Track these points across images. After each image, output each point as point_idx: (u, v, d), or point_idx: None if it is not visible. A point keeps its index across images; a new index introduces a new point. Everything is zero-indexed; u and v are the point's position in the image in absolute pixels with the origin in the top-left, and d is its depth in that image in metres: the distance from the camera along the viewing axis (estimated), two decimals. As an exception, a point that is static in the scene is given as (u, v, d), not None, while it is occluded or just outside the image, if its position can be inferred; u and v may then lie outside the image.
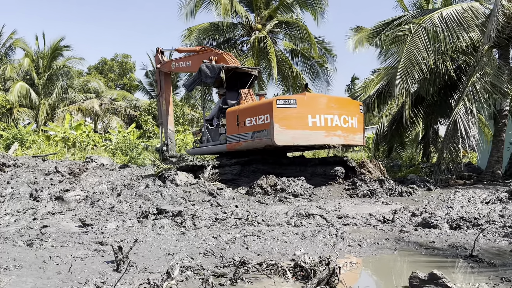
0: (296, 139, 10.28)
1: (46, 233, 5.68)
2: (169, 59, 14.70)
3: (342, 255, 4.80)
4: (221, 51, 13.47)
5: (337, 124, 10.55)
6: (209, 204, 8.19)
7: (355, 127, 11.00)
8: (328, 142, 10.52)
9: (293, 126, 10.21)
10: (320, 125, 10.34)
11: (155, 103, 31.02)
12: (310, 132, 10.26)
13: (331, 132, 10.47)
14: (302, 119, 10.23)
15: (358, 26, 19.49)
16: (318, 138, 10.38)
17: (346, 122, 10.71)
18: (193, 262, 4.36)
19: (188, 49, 14.56)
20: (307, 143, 10.54)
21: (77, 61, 35.07)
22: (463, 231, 5.96)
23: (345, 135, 10.72)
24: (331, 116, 10.46)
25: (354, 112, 11.11)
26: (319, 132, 10.34)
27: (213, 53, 12.85)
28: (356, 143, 11.35)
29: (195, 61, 13.16)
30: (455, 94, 15.88)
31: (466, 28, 12.43)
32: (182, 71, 17.51)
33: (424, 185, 10.93)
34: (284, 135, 10.17)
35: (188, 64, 13.59)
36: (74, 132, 23.92)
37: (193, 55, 13.74)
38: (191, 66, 13.36)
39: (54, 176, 10.48)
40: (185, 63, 13.75)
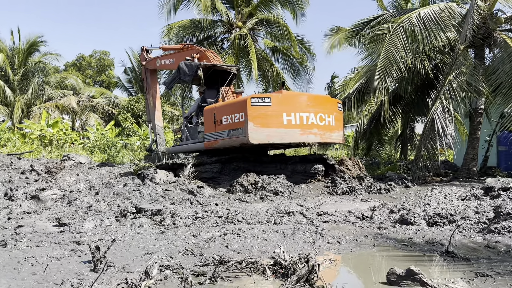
0: (271, 137, 10.28)
1: (21, 233, 5.54)
2: (154, 57, 14.63)
3: (321, 252, 4.84)
4: (203, 48, 13.42)
5: (313, 122, 10.57)
6: (189, 203, 8.14)
7: (333, 125, 11.02)
8: (304, 140, 10.54)
9: (267, 124, 10.23)
10: (296, 123, 10.35)
11: (134, 100, 30.68)
12: (285, 130, 10.28)
13: (307, 130, 10.49)
14: (277, 117, 10.25)
15: (336, 26, 19.61)
16: (293, 136, 10.39)
17: (322, 120, 10.74)
18: (172, 261, 4.32)
19: (172, 47, 14.46)
20: (282, 141, 10.51)
21: (53, 57, 34.33)
22: (439, 228, 6.07)
23: (322, 133, 10.75)
24: (306, 114, 10.49)
25: (331, 110, 11.12)
26: (295, 130, 10.36)
27: (195, 51, 12.80)
28: (334, 141, 11.37)
29: (178, 59, 13.11)
30: (432, 92, 16.18)
31: (443, 27, 12.65)
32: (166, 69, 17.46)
33: (402, 182, 11.11)
34: (258, 133, 10.19)
35: (172, 61, 13.57)
36: (51, 129, 23.43)
37: (176, 52, 13.69)
38: (174, 63, 13.31)
39: (30, 174, 10.25)
40: (169, 60, 13.75)
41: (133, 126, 27.97)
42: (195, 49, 12.99)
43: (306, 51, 24.82)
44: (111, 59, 53.11)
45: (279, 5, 23.47)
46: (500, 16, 13.21)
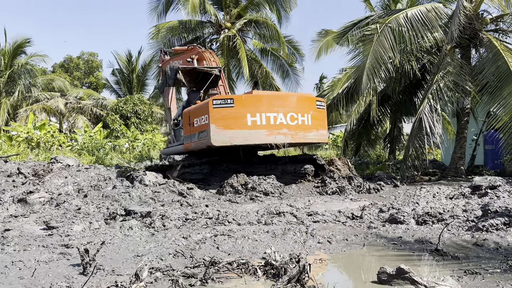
0: (234, 139, 10.21)
1: (8, 237, 5.46)
2: (168, 59, 14.66)
3: (312, 252, 4.85)
4: (203, 49, 13.37)
5: (282, 122, 10.34)
6: (179, 204, 8.10)
7: (308, 124, 10.70)
8: (271, 141, 10.33)
9: (230, 126, 10.18)
10: (261, 124, 10.22)
11: (123, 102, 30.45)
12: (249, 132, 10.19)
13: (274, 131, 10.29)
14: (241, 118, 10.18)
15: (323, 29, 19.70)
16: (259, 137, 10.26)
17: (294, 119, 10.47)
18: (163, 263, 4.29)
19: (182, 49, 14.50)
20: (246, 143, 10.39)
21: (40, 58, 33.86)
22: (428, 226, 6.12)
23: (293, 133, 10.48)
24: (274, 114, 10.29)
25: (307, 108, 10.81)
26: (260, 131, 10.23)
27: (194, 52, 12.86)
28: (310, 141, 11.06)
29: (183, 60, 13.20)
30: (420, 92, 16.33)
31: (430, 28, 12.77)
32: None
33: (391, 181, 11.17)
34: (221, 135, 10.20)
35: (180, 62, 13.55)
36: (38, 132, 23.13)
37: (182, 54, 13.89)
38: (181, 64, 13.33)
39: (16, 177, 10.11)
40: (178, 62, 13.74)
41: (121, 128, 27.76)
42: (195, 50, 13.00)
43: (295, 52, 24.91)
44: (99, 60, 52.65)
45: (268, 6, 23.52)
46: (486, 17, 13.38)
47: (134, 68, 37.03)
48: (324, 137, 11.35)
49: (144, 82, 37.31)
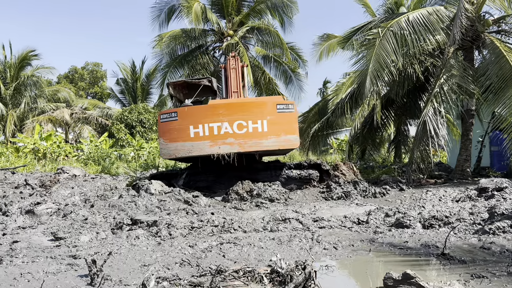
0: (178, 152, 10.31)
1: (16, 248, 5.51)
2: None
3: (318, 259, 4.85)
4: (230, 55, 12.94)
5: (227, 132, 10.12)
6: (184, 213, 8.13)
7: (263, 131, 10.19)
8: (215, 152, 10.13)
9: (175, 139, 10.29)
10: (204, 135, 10.15)
11: (127, 111, 30.63)
12: (191, 144, 10.18)
13: (219, 141, 10.12)
14: (184, 131, 10.22)
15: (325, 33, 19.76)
16: (202, 148, 10.18)
17: (242, 127, 10.15)
18: (169, 272, 4.31)
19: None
20: (189, 155, 10.38)
21: (47, 70, 34.23)
22: (435, 230, 6.11)
23: (242, 142, 10.15)
24: (218, 124, 10.13)
25: (261, 114, 10.26)
26: (204, 142, 10.16)
27: (226, 61, 12.75)
28: (266, 148, 10.37)
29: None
30: (423, 95, 16.29)
31: (432, 31, 12.79)
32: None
33: (397, 185, 11.15)
34: (167, 149, 10.43)
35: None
36: (44, 143, 23.30)
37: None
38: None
39: (24, 189, 10.19)
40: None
41: (127, 137, 27.90)
42: (227, 58, 12.80)
43: (298, 58, 24.97)
44: (104, 70, 53.06)
45: (269, 12, 23.63)
46: (487, 19, 13.39)
47: (138, 77, 37.29)
48: (290, 143, 10.52)
49: (148, 91, 37.53)
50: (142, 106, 31.04)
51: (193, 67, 23.55)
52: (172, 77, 23.31)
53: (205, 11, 22.21)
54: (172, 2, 23.11)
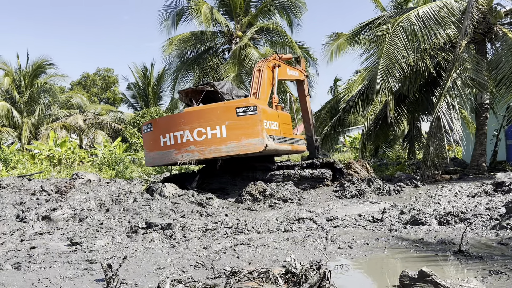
0: (155, 160, 10.79)
1: (34, 254, 5.58)
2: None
3: (332, 258, 4.82)
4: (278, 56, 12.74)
5: (188, 140, 10.15)
6: (198, 215, 8.16)
7: (222, 136, 10.05)
8: (180, 159, 10.25)
9: (151, 149, 10.85)
10: (170, 143, 10.38)
11: (140, 115, 30.88)
12: (162, 152, 10.54)
13: (182, 149, 10.24)
14: (156, 140, 10.61)
15: (334, 33, 19.64)
16: (170, 157, 10.43)
17: (201, 134, 10.11)
18: (184, 275, 4.33)
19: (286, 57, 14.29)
20: (162, 163, 10.78)
21: (60, 78, 34.73)
22: (451, 226, 6.03)
23: (201, 149, 10.11)
24: (180, 133, 10.25)
25: (220, 120, 10.09)
26: (170, 150, 10.41)
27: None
28: (226, 154, 10.09)
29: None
30: (436, 90, 16.12)
31: (443, 25, 12.65)
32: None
33: (411, 182, 11.05)
34: (147, 157, 11.04)
35: None
36: (59, 149, 23.62)
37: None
38: None
39: (40, 195, 10.34)
40: None
41: (139, 141, 28.11)
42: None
43: (308, 56, 24.88)
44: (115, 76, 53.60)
45: (277, 12, 23.61)
46: (500, 10, 13.20)
47: (150, 81, 37.56)
48: (251, 147, 10.02)
49: (160, 95, 37.77)
50: (154, 110, 31.24)
51: (203, 69, 23.67)
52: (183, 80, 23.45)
53: (214, 13, 22.29)
54: (180, 5, 23.25)
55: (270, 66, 12.13)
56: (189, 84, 23.88)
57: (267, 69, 12.04)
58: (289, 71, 13.26)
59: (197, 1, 22.50)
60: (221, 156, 10.20)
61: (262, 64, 12.06)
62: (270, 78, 12.06)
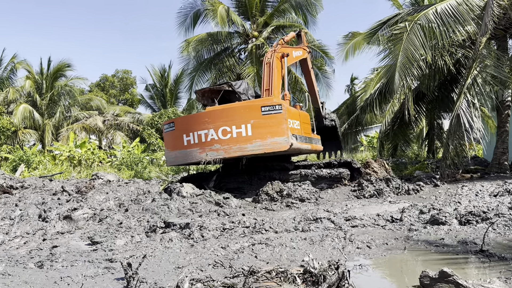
0: (177, 159, 10.75)
1: (56, 253, 5.69)
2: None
3: (351, 258, 4.79)
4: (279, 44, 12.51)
5: (213, 138, 10.18)
6: (216, 214, 8.19)
7: (247, 135, 10.06)
8: (204, 158, 10.25)
9: (174, 147, 10.80)
10: (194, 142, 10.37)
11: (158, 116, 31.22)
12: (185, 151, 10.52)
13: (206, 148, 10.23)
14: (179, 139, 10.58)
15: (350, 32, 19.46)
16: (193, 155, 10.42)
17: (226, 133, 10.14)
18: (203, 274, 4.36)
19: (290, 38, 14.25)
20: (185, 162, 10.78)
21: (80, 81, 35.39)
22: (472, 226, 5.93)
23: (227, 148, 10.12)
24: (205, 132, 10.24)
25: (245, 119, 10.13)
26: (194, 149, 10.39)
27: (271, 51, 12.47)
28: (251, 153, 10.11)
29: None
30: (456, 88, 15.86)
31: (462, 21, 12.41)
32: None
33: (431, 181, 10.89)
34: (169, 157, 11.01)
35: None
36: (79, 150, 24.04)
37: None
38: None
39: (61, 195, 10.53)
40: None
41: (157, 142, 28.40)
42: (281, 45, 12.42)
43: (324, 55, 24.75)
44: (133, 77, 54.23)
45: (293, 12, 23.54)
46: (521, 5, 12.88)
47: (167, 82, 37.90)
48: (277, 146, 10.07)
49: (177, 96, 38.09)
50: (171, 111, 31.54)
51: (220, 70, 23.77)
52: (199, 80, 23.59)
53: (230, 13, 22.36)
54: (197, 7, 23.39)
55: (279, 57, 11.99)
56: (206, 84, 24.00)
57: (277, 61, 11.86)
58: (294, 53, 13.07)
59: (213, 2, 22.61)
60: (247, 155, 10.24)
61: (272, 56, 11.89)
62: (280, 69, 11.95)
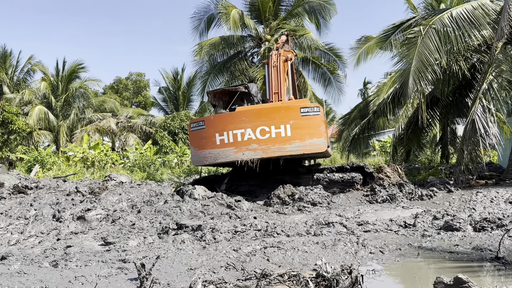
0: (206, 159, 10.51)
1: (70, 253, 5.76)
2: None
3: (364, 263, 4.76)
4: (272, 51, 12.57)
5: (250, 138, 10.10)
6: (227, 217, 8.21)
7: (286, 135, 10.06)
8: (240, 158, 10.12)
9: (203, 147, 10.54)
10: (229, 141, 10.21)
11: (170, 118, 31.41)
12: (218, 151, 10.33)
13: (243, 147, 10.11)
14: (211, 138, 10.39)
15: (363, 36, 19.35)
16: (228, 155, 10.26)
17: (265, 133, 10.11)
18: (215, 276, 4.37)
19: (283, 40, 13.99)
20: (216, 162, 10.52)
21: (93, 83, 35.80)
22: (487, 233, 5.85)
23: (265, 148, 10.08)
24: (241, 131, 10.13)
25: (285, 119, 10.12)
26: (228, 149, 10.23)
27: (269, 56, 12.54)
28: (290, 153, 10.15)
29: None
30: (471, 93, 15.67)
31: (478, 26, 12.28)
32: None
33: (445, 187, 10.76)
34: (196, 156, 10.71)
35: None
36: (93, 151, 24.29)
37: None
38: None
39: (75, 196, 10.65)
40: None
41: (170, 144, 28.56)
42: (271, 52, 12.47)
43: (337, 59, 24.66)
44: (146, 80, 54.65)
45: (307, 16, 23.53)
46: (538, 10, 12.69)
47: (180, 85, 38.15)
48: (315, 147, 10.16)
49: (190, 98, 38.30)
50: (184, 114, 31.72)
51: (232, 73, 23.83)
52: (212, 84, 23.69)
53: (243, 17, 22.44)
54: (211, 11, 23.51)
55: (283, 60, 12.05)
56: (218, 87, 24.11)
57: (282, 64, 11.92)
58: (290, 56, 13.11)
59: (226, 6, 22.72)
60: (285, 156, 10.26)
61: (278, 59, 11.90)
62: (284, 73, 12.00)
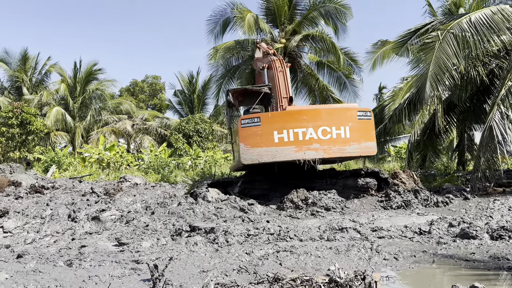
0: (262, 157, 10.23)
1: (84, 253, 5.83)
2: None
3: (378, 269, 4.71)
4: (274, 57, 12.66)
5: (312, 137, 10.07)
6: (240, 220, 8.21)
7: (346, 137, 10.25)
8: (301, 157, 10.06)
9: (258, 144, 10.23)
10: (289, 140, 10.09)
11: (185, 121, 31.62)
12: (276, 149, 10.13)
13: (304, 147, 10.04)
14: (267, 136, 10.18)
15: (379, 40, 19.20)
16: (287, 154, 10.11)
17: (327, 133, 10.15)
18: (227, 279, 4.37)
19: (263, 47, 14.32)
20: (274, 160, 10.28)
21: (110, 83, 36.23)
22: (504, 241, 5.73)
23: (326, 148, 10.13)
24: (303, 130, 10.06)
25: (343, 121, 10.33)
26: (288, 147, 10.09)
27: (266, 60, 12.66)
28: (349, 155, 10.44)
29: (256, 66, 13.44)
30: (488, 99, 15.42)
31: (497, 31, 12.10)
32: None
33: (461, 194, 10.60)
34: (249, 153, 10.32)
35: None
36: (108, 153, 24.55)
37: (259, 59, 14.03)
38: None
39: (90, 196, 10.78)
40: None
41: (184, 147, 28.72)
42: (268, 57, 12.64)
43: (353, 63, 24.52)
44: (162, 83, 55.18)
45: (323, 20, 23.45)
46: (559, 15, 12.46)
47: (195, 88, 38.41)
48: (369, 150, 10.59)
49: (204, 102, 38.53)
50: (198, 117, 31.89)
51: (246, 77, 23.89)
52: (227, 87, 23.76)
53: (258, 21, 22.48)
54: (226, 15, 23.62)
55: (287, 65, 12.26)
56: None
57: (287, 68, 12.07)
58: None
59: (241, 10, 22.79)
60: (344, 157, 10.46)
61: (282, 65, 11.93)
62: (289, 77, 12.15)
